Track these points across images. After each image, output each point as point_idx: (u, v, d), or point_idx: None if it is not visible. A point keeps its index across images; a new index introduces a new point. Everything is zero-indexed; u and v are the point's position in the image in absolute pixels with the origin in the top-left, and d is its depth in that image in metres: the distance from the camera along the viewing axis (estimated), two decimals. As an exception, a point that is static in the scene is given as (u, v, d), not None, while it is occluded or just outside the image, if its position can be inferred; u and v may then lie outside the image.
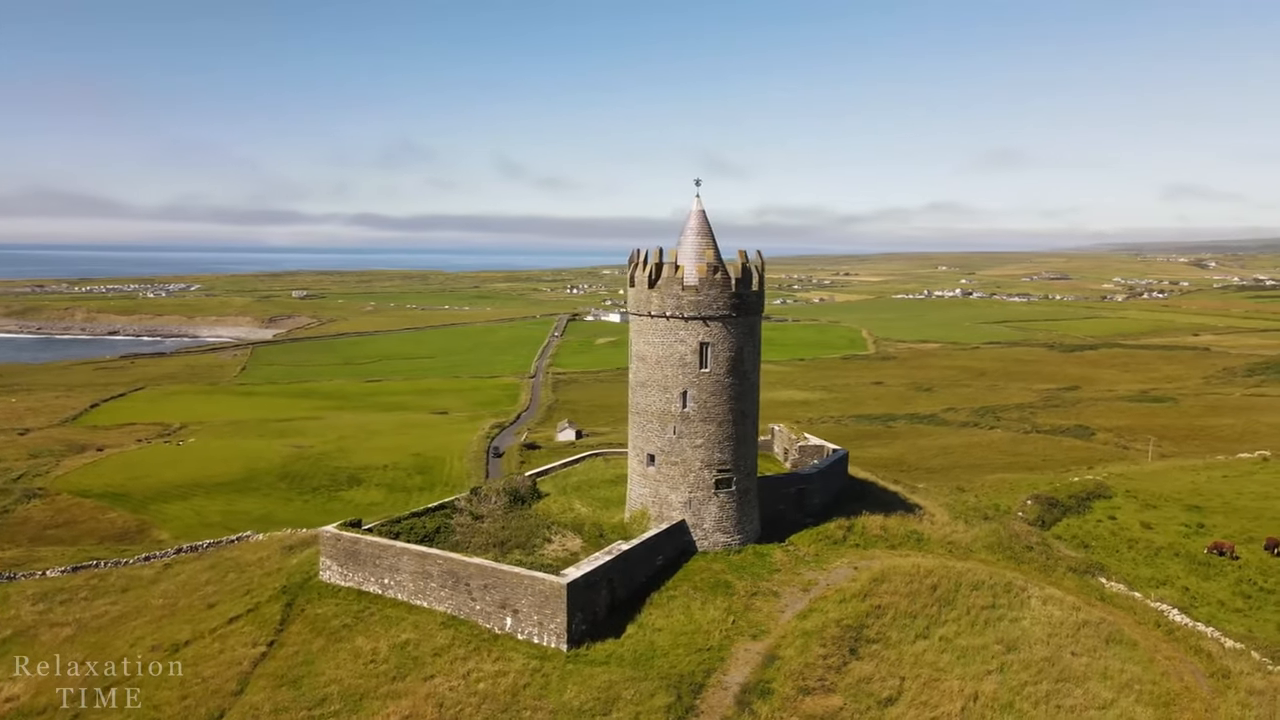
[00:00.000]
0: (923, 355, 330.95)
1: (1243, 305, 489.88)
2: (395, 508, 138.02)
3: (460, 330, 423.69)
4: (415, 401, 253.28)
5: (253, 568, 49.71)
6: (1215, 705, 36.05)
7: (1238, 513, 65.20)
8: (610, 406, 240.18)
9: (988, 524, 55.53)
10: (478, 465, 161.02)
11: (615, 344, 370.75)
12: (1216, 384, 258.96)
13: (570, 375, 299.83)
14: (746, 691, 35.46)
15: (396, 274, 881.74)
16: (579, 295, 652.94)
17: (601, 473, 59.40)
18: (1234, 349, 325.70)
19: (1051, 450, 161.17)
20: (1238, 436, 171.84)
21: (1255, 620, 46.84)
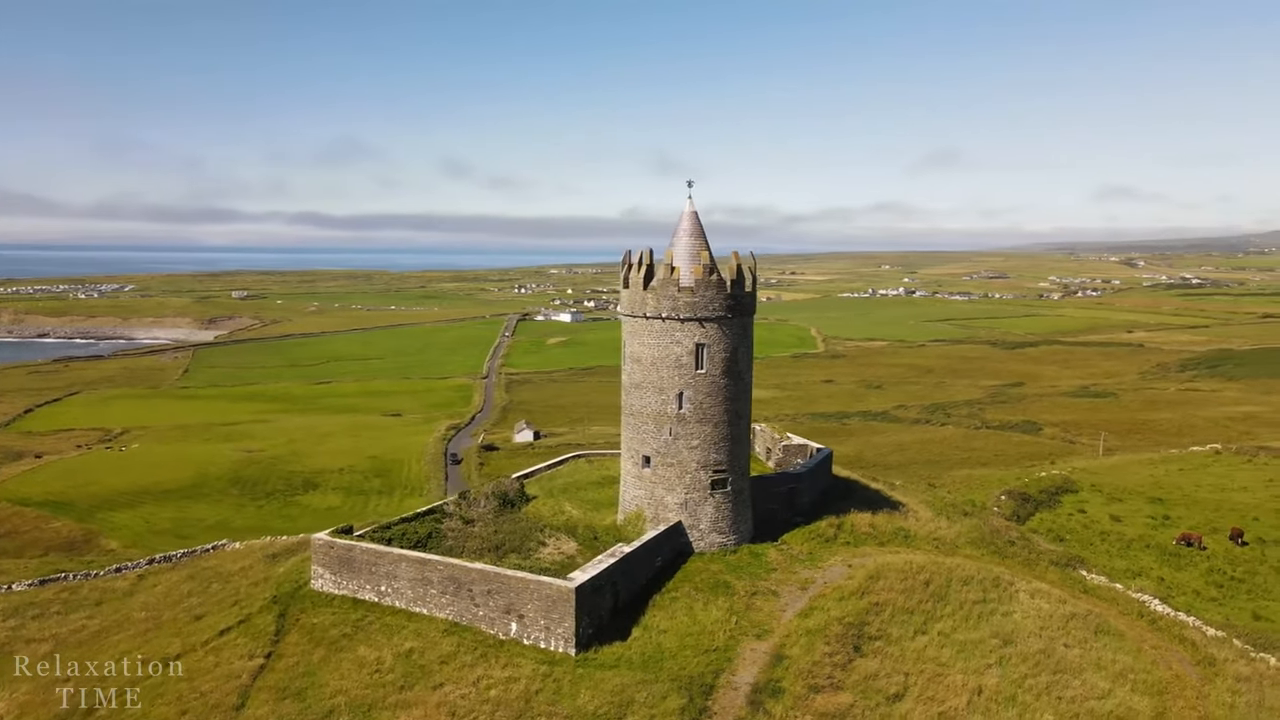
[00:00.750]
0: (871, 353, 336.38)
1: (1172, 303, 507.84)
2: (355, 512, 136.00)
3: (409, 331, 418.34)
4: (366, 403, 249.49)
5: (237, 577, 48.44)
6: (1206, 693, 37.33)
7: (1198, 504, 67.66)
8: (565, 407, 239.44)
9: (968, 520, 56.73)
10: (436, 468, 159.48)
11: (566, 344, 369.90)
12: (1152, 379, 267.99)
13: (523, 376, 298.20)
14: (758, 691, 35.66)
15: (340, 274, 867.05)
16: (527, 295, 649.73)
17: (587, 475, 59.15)
18: (1166, 345, 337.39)
19: (1002, 446, 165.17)
20: (1176, 430, 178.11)
21: (1230, 609, 48.68)
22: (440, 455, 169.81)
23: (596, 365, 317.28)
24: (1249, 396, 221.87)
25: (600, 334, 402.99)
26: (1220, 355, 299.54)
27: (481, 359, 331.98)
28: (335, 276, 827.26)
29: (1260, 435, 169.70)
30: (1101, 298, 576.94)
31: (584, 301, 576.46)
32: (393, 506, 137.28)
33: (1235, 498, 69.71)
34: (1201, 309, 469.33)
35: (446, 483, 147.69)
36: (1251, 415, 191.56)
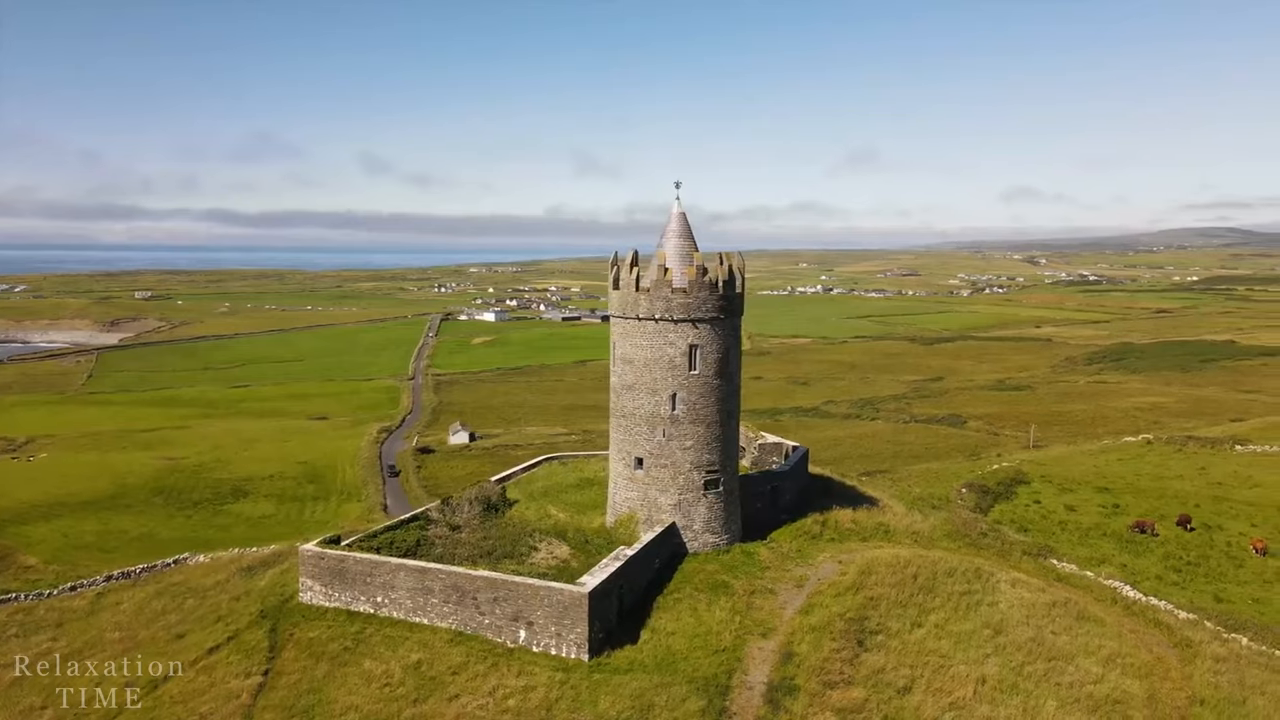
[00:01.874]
0: (796, 350, 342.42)
1: (1074, 299, 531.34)
2: (290, 520, 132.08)
3: (329, 331, 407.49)
4: (290, 407, 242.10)
5: (213, 592, 46.43)
6: (1189, 673, 39.24)
7: (1142, 493, 71.06)
8: (497, 407, 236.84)
9: (939, 513, 58.34)
10: (372, 472, 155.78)
11: (492, 344, 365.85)
12: (1062, 372, 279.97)
13: (451, 376, 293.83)
14: (774, 689, 36.00)
15: (250, 273, 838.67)
16: (448, 294, 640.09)
17: (564, 477, 58.69)
18: (1072, 339, 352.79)
19: (932, 439, 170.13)
20: (1091, 421, 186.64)
21: (1192, 592, 51.27)
22: (374, 459, 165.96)
23: (524, 365, 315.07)
24: (1152, 387, 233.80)
25: (525, 333, 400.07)
26: (1122, 349, 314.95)
27: (406, 360, 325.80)
28: (245, 276, 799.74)
29: (1168, 424, 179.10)
30: (1009, 294, 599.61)
31: (506, 300, 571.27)
32: (329, 513, 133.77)
33: (1174, 485, 73.49)
34: (1101, 305, 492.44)
35: (384, 487, 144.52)
36: (1157, 405, 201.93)
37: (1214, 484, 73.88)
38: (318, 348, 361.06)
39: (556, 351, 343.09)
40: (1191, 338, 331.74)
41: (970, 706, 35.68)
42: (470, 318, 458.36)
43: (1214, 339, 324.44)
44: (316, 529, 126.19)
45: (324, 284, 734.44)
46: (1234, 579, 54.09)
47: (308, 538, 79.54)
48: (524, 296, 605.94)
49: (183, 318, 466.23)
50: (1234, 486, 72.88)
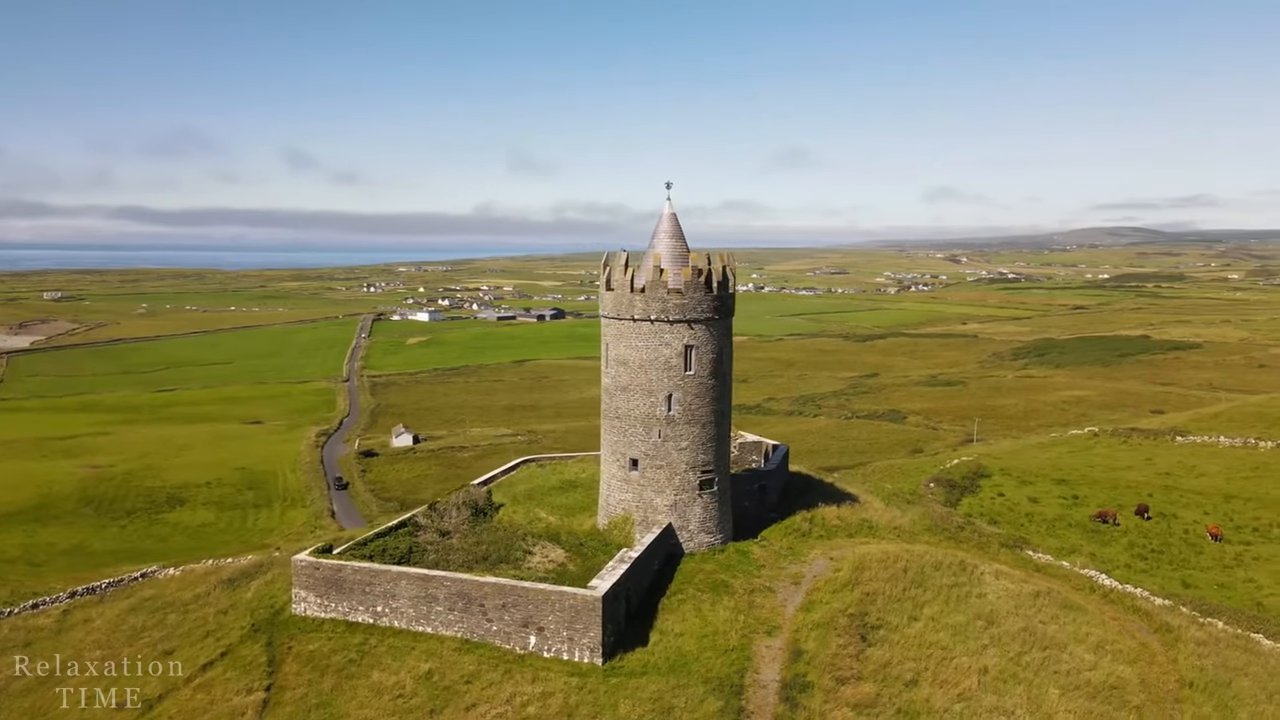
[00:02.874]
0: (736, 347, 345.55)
1: (996, 296, 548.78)
2: (232, 528, 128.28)
3: (257, 333, 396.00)
4: (221, 411, 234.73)
5: (195, 606, 44.68)
6: (1173, 657, 40.91)
7: (1097, 484, 73.83)
8: (437, 409, 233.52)
9: (915, 508, 59.60)
10: (315, 477, 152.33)
11: (428, 344, 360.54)
12: (990, 367, 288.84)
13: (387, 378, 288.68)
14: (787, 687, 36.32)
15: (168, 272, 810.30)
16: (377, 294, 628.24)
17: (545, 480, 58.21)
18: (997, 336, 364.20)
19: (875, 435, 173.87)
20: (1023, 414, 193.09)
21: (1159, 579, 53.46)
22: (316, 463, 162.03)
23: (462, 365, 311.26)
24: (1076, 381, 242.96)
25: (460, 333, 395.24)
26: (1045, 344, 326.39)
27: (340, 361, 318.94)
28: (162, 275, 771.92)
29: (1094, 416, 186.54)
30: (934, 292, 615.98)
31: (439, 300, 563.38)
32: (273, 520, 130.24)
33: (1125, 476, 76.55)
34: (1022, 302, 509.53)
35: (329, 491, 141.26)
36: (1082, 399, 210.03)
37: (1162, 474, 77.21)
38: (246, 349, 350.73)
39: (494, 351, 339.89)
40: (1108, 333, 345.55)
41: (977, 697, 36.55)
42: (404, 318, 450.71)
43: (1128, 334, 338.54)
44: (261, 537, 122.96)
45: (246, 283, 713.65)
46: (1196, 565, 56.65)
47: (276, 546, 77.45)
48: (456, 296, 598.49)
49: (97, 319, 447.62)
50: (1181, 476, 76.30)
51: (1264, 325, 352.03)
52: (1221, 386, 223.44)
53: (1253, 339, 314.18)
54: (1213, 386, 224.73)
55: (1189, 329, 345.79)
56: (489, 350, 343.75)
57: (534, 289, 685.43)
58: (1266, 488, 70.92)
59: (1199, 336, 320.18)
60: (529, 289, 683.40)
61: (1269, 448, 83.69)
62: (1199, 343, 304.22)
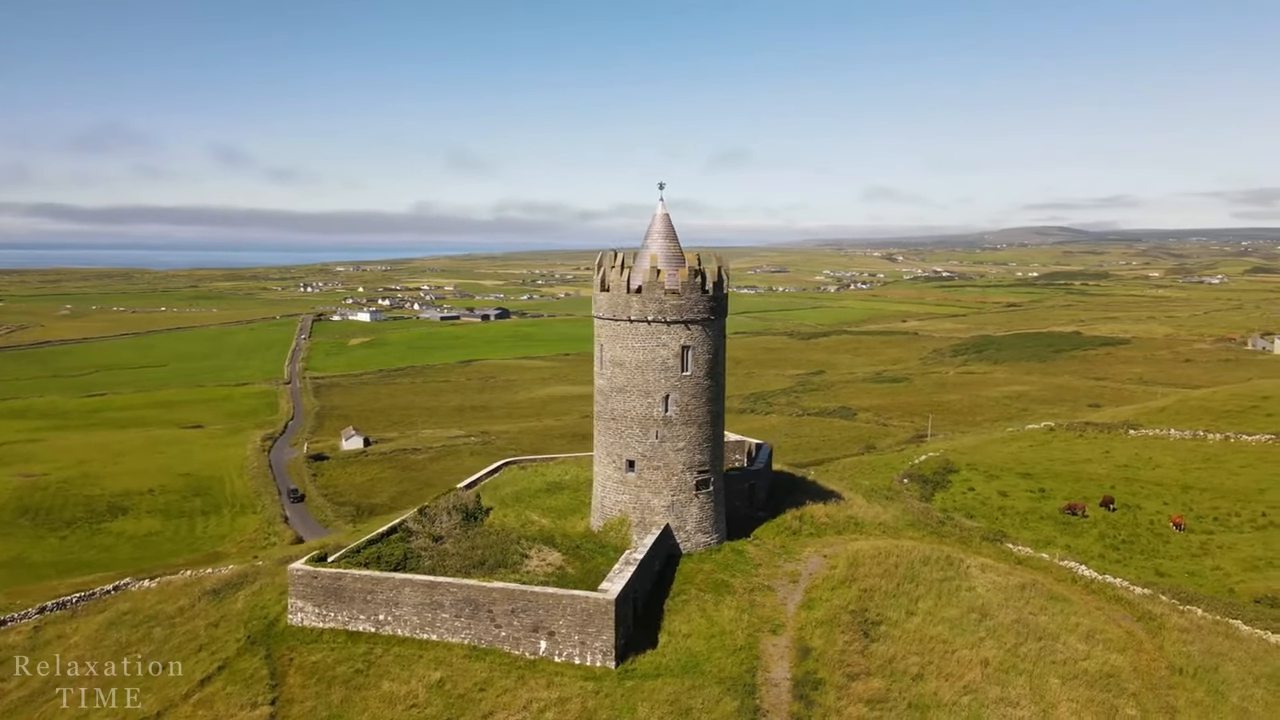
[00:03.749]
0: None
1: (934, 294, 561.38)
2: (180, 536, 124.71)
3: (190, 334, 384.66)
4: (157, 416, 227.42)
5: (181, 619, 43.14)
6: (1160, 645, 42.32)
7: (1060, 477, 76.09)
8: (384, 410, 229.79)
9: (896, 504, 60.68)
10: (264, 482, 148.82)
11: (371, 344, 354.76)
12: (932, 364, 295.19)
13: (330, 379, 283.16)
14: (799, 685, 36.60)
15: (91, 272, 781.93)
16: (315, 294, 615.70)
17: (531, 482, 57.69)
18: (936, 333, 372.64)
19: (828, 431, 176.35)
20: (968, 409, 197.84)
21: (1134, 569, 55.30)
22: (265, 468, 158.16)
23: (407, 366, 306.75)
24: (1015, 377, 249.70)
25: (404, 333, 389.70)
26: (982, 341, 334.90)
27: (280, 362, 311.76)
28: (86, 275, 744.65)
29: (1036, 411, 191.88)
30: (873, 290, 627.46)
31: (379, 300, 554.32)
32: (224, 527, 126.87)
33: (1086, 469, 79.01)
34: (958, 299, 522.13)
35: (281, 497, 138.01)
36: (1023, 394, 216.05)
37: (1121, 466, 79.89)
38: (180, 351, 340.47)
39: (439, 351, 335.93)
40: (1041, 330, 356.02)
41: (982, 689, 37.31)
42: (344, 318, 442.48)
43: (1061, 331, 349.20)
44: (212, 544, 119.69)
45: (176, 283, 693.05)
46: (1166, 554, 58.74)
47: (255, 555, 75.34)
48: (396, 296, 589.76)
49: (18, 321, 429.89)
50: (1139, 468, 79.06)
51: (1187, 322, 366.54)
52: (1152, 381, 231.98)
53: (1177, 335, 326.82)
54: (1143, 381, 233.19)
55: (1117, 325, 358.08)
56: (434, 350, 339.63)
57: (475, 288, 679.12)
58: (1220, 478, 73.96)
59: (1127, 333, 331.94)
60: (470, 288, 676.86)
61: (1217, 440, 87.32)
62: (1128, 339, 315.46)
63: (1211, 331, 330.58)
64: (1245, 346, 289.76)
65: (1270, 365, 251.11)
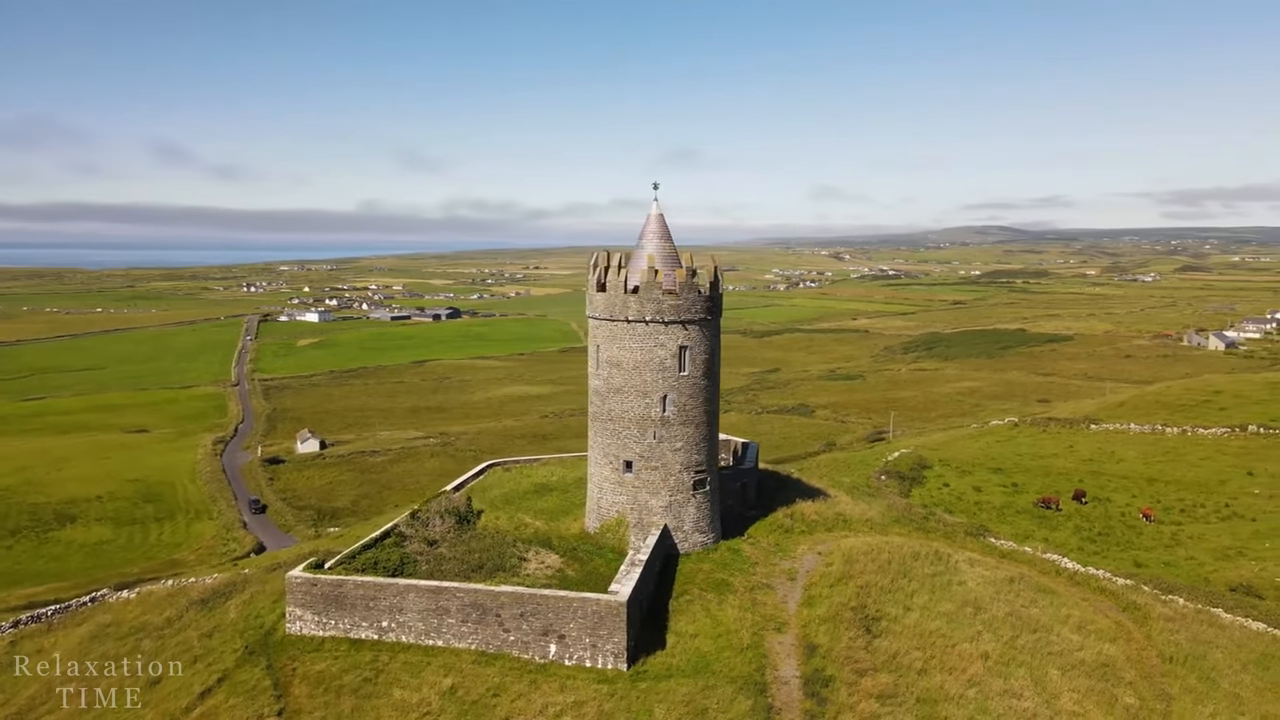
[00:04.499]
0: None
1: (882, 292, 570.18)
2: (134, 544, 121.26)
3: (130, 336, 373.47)
4: (99, 420, 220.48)
5: (170, 630, 41.79)
6: (1148, 634, 43.51)
7: (1029, 471, 77.84)
8: (338, 412, 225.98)
9: (879, 501, 61.42)
10: (219, 486, 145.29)
11: (320, 345, 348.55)
12: (884, 361, 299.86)
13: (280, 381, 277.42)
14: (810, 682, 36.84)
15: (21, 271, 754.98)
16: (259, 294, 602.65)
17: (518, 484, 57.18)
18: (886, 330, 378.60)
19: (788, 429, 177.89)
20: (923, 406, 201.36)
21: (1112, 560, 56.76)
22: (218, 472, 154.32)
23: (358, 367, 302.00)
24: (965, 374, 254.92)
25: (354, 333, 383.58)
26: (932, 338, 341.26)
27: (227, 364, 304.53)
28: (15, 275, 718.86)
29: (988, 406, 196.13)
30: (821, 288, 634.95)
31: (326, 300, 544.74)
32: (179, 534, 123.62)
33: (1053, 464, 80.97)
34: (905, 298, 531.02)
35: (238, 502, 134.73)
36: (975, 390, 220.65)
37: (1086, 460, 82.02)
38: (120, 353, 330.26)
39: (390, 352, 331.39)
40: (988, 327, 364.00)
41: (986, 681, 37.95)
42: (291, 318, 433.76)
43: (1006, 328, 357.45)
44: (168, 552, 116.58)
45: (112, 283, 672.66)
46: (1140, 545, 60.45)
47: (233, 560, 73.19)
48: (344, 295, 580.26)
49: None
50: (1104, 462, 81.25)
51: (1125, 319, 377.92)
52: (1096, 376, 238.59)
53: (1117, 331, 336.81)
54: (1088, 376, 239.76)
55: (1060, 323, 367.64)
56: (386, 351, 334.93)
57: (425, 288, 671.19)
58: (1181, 471, 76.45)
59: (1070, 329, 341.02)
60: (419, 288, 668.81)
61: (1175, 434, 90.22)
62: (1070, 335, 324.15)
63: (1149, 328, 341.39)
64: (1181, 342, 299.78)
65: (1206, 360, 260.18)
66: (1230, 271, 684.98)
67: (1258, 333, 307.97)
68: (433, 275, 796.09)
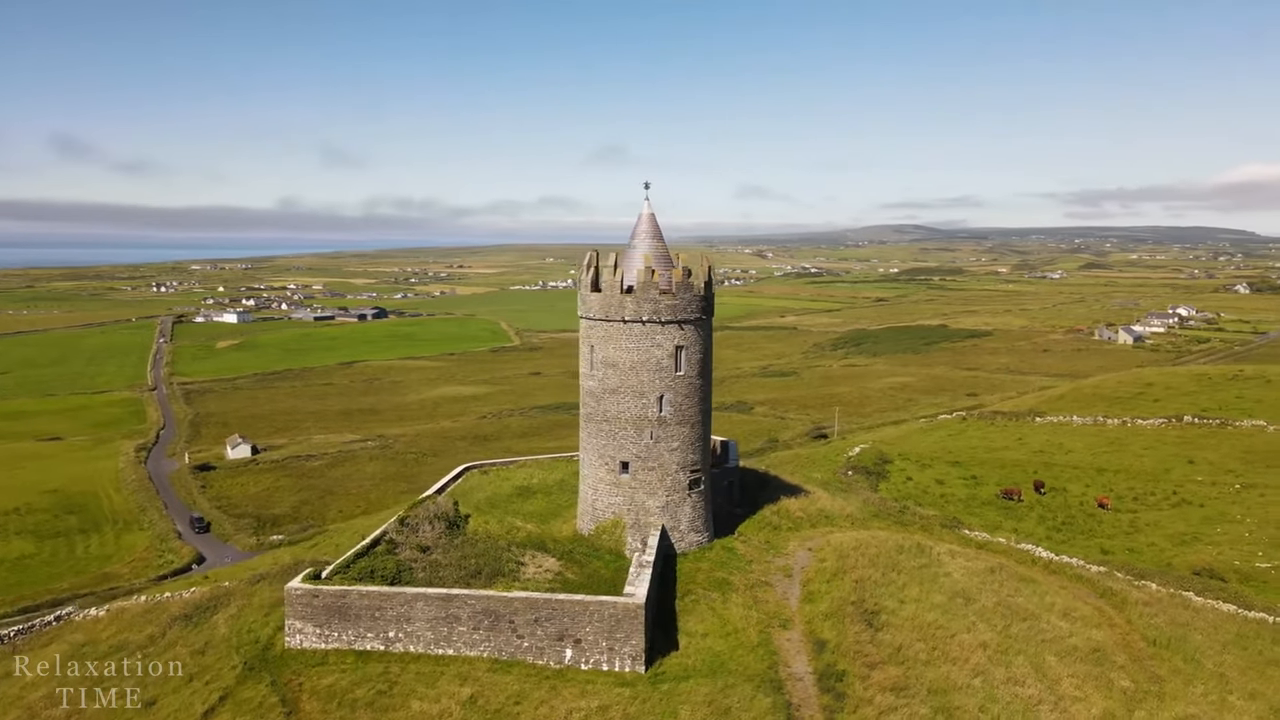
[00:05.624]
0: (567, 344, 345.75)
1: (808, 290, 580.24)
2: (59, 558, 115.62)
3: (31, 338, 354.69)
4: (6, 428, 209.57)
5: (155, 649, 39.74)
6: (1129, 618, 45.24)
7: (986, 464, 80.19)
8: (266, 416, 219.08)
9: (854, 496, 62.42)
10: (147, 495, 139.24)
11: (241, 347, 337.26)
12: (814, 358, 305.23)
13: (201, 385, 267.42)
14: (824, 678, 37.24)
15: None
16: (170, 294, 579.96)
17: (498, 487, 56.36)
18: (814, 327, 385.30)
19: (729, 426, 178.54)
20: (859, 401, 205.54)
21: (1077, 548, 58.77)
22: (144, 481, 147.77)
23: (284, 369, 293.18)
24: (894, 369, 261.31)
25: (276, 335, 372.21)
26: (859, 335, 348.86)
27: (141, 368, 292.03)
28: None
29: (921, 401, 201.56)
30: (747, 286, 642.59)
31: (243, 300, 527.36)
32: (109, 546, 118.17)
33: (1006, 455, 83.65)
34: (830, 295, 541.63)
35: (168, 511, 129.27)
36: (906, 385, 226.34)
37: (1037, 452, 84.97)
38: (21, 357, 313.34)
39: (316, 353, 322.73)
40: (912, 323, 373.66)
41: (989, 670, 38.94)
42: (209, 319, 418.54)
43: (929, 324, 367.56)
44: (99, 565, 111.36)
45: (10, 283, 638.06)
46: (1103, 533, 62.85)
47: (203, 574, 70.07)
48: (261, 295, 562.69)
49: None
50: (1054, 453, 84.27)
51: (1039, 314, 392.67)
52: (1017, 370, 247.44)
53: (1032, 326, 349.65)
54: (1010, 370, 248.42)
55: (979, 318, 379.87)
56: (311, 352, 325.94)
57: (346, 287, 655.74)
58: (1127, 460, 79.84)
59: (989, 325, 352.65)
60: (340, 287, 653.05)
61: (1116, 425, 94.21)
62: (990, 331, 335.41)
63: (1061, 323, 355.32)
64: (1093, 337, 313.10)
65: (1116, 354, 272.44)
66: (1130, 269, 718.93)
67: (1162, 327, 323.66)
68: (354, 274, 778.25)
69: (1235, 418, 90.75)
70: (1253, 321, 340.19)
